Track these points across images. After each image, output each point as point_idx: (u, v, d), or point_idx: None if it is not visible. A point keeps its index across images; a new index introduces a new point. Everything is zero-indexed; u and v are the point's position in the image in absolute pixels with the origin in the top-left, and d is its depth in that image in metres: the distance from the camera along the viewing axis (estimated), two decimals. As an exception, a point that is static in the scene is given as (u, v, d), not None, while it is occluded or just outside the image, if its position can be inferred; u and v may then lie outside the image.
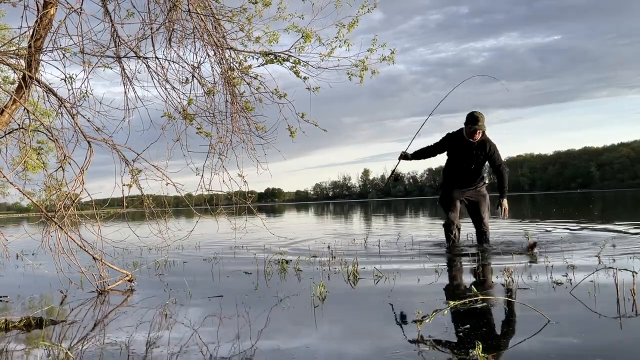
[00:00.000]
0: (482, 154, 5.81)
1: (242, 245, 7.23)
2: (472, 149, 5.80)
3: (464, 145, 5.82)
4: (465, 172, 5.91)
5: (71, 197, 3.88)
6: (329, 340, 2.40)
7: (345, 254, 5.66)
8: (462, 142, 5.83)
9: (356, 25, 4.74)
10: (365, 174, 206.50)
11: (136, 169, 4.09)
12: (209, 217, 4.41)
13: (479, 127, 5.66)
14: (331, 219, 18.38)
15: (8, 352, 2.41)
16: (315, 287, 3.48)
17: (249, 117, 4.55)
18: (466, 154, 5.84)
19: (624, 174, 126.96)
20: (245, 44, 4.53)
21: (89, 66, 3.92)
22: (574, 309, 2.78)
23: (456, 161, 5.95)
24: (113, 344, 2.46)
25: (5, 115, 3.70)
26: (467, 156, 5.85)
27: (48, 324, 2.88)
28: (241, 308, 3.16)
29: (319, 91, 4.61)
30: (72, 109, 3.90)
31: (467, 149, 5.82)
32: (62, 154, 3.82)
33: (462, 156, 5.87)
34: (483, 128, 5.69)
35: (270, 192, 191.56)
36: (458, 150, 5.88)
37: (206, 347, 2.33)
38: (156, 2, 4.13)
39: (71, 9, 3.67)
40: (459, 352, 2.09)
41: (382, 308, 3.03)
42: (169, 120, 4.26)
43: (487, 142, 5.80)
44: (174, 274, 4.86)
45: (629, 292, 2.94)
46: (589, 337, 2.26)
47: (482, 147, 5.81)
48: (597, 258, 4.57)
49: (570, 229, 8.16)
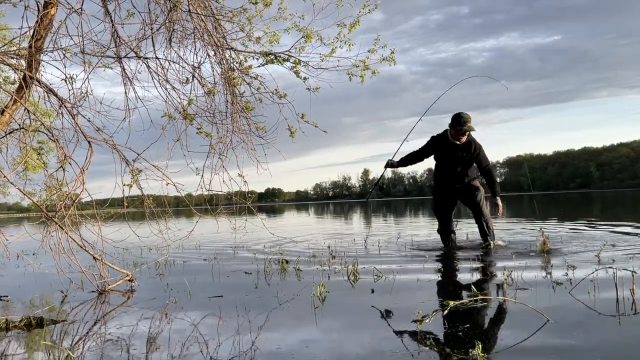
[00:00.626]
0: (468, 155, 5.68)
1: (242, 245, 7.24)
2: (457, 150, 5.68)
3: (449, 147, 5.70)
4: (453, 174, 5.79)
5: (71, 197, 3.89)
6: (328, 340, 2.41)
7: (345, 254, 5.67)
8: (447, 144, 5.71)
9: (357, 26, 4.75)
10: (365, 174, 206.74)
11: (136, 169, 4.10)
12: (209, 217, 4.41)
13: (467, 129, 5.52)
14: (331, 219, 18.39)
15: (9, 351, 2.41)
16: (315, 287, 3.49)
17: (249, 117, 4.56)
18: (452, 156, 5.72)
19: (624, 174, 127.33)
20: (246, 44, 4.53)
21: (89, 66, 3.93)
22: (574, 308, 2.79)
23: (442, 164, 5.85)
24: (113, 343, 2.47)
25: (6, 116, 3.71)
26: (453, 158, 5.72)
27: (49, 324, 2.89)
28: (241, 308, 3.17)
29: (320, 91, 4.62)
30: (72, 109, 3.90)
31: (452, 151, 5.70)
32: (62, 154, 3.82)
33: (447, 158, 5.76)
34: (471, 129, 5.55)
35: (271, 192, 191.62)
36: (443, 153, 5.77)
37: (206, 347, 2.34)
38: (156, 3, 4.13)
39: (71, 10, 3.67)
40: (458, 352, 2.10)
41: (381, 308, 3.04)
42: (169, 120, 4.26)
43: (472, 143, 5.67)
44: (174, 273, 4.87)
45: (628, 291, 2.95)
46: (588, 337, 2.27)
47: (467, 148, 5.68)
48: (597, 258, 4.58)
49: (569, 228, 8.16)
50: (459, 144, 5.63)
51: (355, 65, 4.82)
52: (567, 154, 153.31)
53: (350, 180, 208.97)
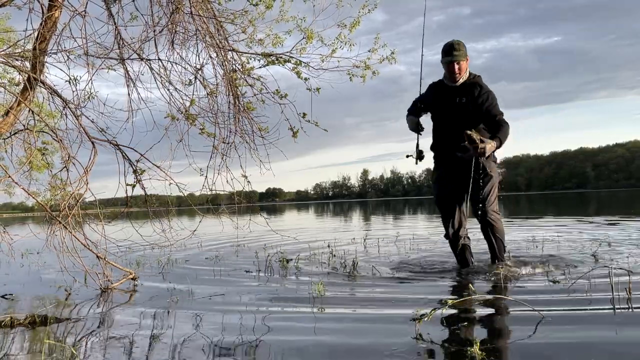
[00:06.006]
0: (469, 102, 3.92)
1: (243, 244, 7.28)
2: (455, 95, 3.97)
3: (445, 93, 4.03)
4: (451, 134, 3.93)
5: (75, 196, 3.93)
6: (328, 337, 2.44)
7: (344, 253, 5.70)
8: (443, 90, 4.07)
9: (358, 26, 4.80)
10: (364, 174, 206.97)
11: (140, 169, 4.14)
12: (212, 216, 4.46)
13: (455, 59, 3.87)
14: (331, 218, 18.42)
15: (13, 349, 2.44)
16: (315, 285, 3.53)
17: (251, 117, 4.60)
18: (448, 105, 4.01)
19: (619, 174, 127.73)
20: (250, 46, 4.58)
21: (92, 68, 3.97)
22: (570, 307, 2.83)
23: (438, 119, 4.15)
24: (117, 341, 2.50)
25: (10, 117, 3.75)
26: (450, 108, 4.00)
27: (53, 322, 2.92)
28: (242, 306, 3.21)
29: (323, 92, 4.67)
30: (76, 110, 3.95)
31: (447, 97, 4.01)
32: (66, 154, 3.86)
33: (443, 110, 4.07)
34: (461, 58, 3.89)
35: (271, 191, 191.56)
36: (438, 103, 4.10)
37: (208, 344, 2.37)
38: (159, 5, 4.18)
39: (75, 12, 3.72)
40: (457, 350, 2.13)
41: (380, 306, 3.08)
42: (171, 121, 4.31)
43: (476, 85, 3.96)
44: (176, 272, 4.90)
45: (624, 290, 2.99)
46: (584, 336, 2.30)
47: (468, 91, 3.94)
48: (594, 257, 4.62)
49: (568, 227, 8.20)
50: (456, 85, 3.99)
51: (356, 66, 4.87)
52: (564, 154, 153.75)
53: (349, 180, 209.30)
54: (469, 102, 3.91)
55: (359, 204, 63.81)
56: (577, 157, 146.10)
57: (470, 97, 3.90)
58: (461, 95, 3.93)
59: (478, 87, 3.94)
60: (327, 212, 29.65)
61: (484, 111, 3.87)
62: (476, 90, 3.91)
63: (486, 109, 3.86)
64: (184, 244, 6.29)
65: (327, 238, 8.15)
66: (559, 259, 4.59)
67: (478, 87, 3.94)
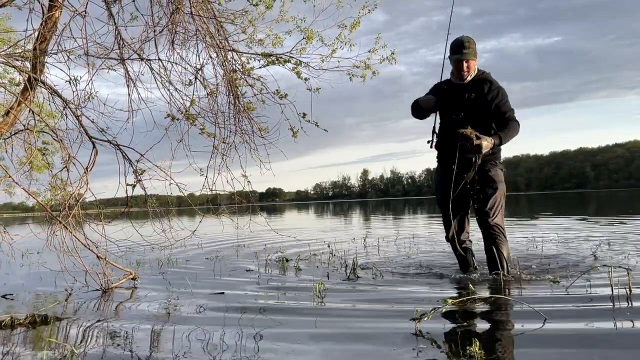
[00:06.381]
0: (479, 98, 3.79)
1: (244, 244, 7.29)
2: (464, 92, 3.85)
3: (453, 90, 3.90)
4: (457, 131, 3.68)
5: (76, 196, 3.94)
6: (328, 337, 2.45)
7: (344, 252, 5.71)
8: (451, 88, 3.93)
9: (358, 26, 4.80)
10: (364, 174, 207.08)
11: (140, 169, 4.15)
12: (212, 216, 4.46)
13: (464, 57, 3.75)
14: (330, 218, 18.43)
15: (14, 349, 2.45)
16: (315, 284, 3.54)
17: (251, 117, 4.60)
18: (455, 102, 3.87)
19: (619, 174, 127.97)
20: (250, 46, 4.59)
21: (93, 68, 3.97)
22: (570, 306, 2.84)
23: (445, 119, 3.98)
24: (117, 340, 2.51)
25: (11, 117, 3.76)
26: (458, 104, 3.86)
27: (53, 321, 2.93)
28: (242, 305, 3.21)
29: (323, 92, 4.67)
30: (76, 110, 3.95)
31: (456, 94, 3.87)
32: (66, 154, 3.87)
33: (450, 107, 3.91)
34: (470, 57, 3.77)
35: (272, 191, 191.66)
36: (447, 100, 3.92)
37: (208, 344, 2.38)
38: (159, 5, 4.18)
39: (75, 12, 3.72)
40: (456, 349, 2.14)
41: (381, 306, 3.08)
42: (172, 121, 4.31)
43: (486, 81, 3.83)
44: (176, 272, 4.91)
45: (623, 289, 3.00)
46: (584, 334, 2.31)
47: (477, 88, 3.81)
48: (593, 256, 4.63)
49: (566, 227, 8.21)
50: (465, 83, 3.86)
51: (356, 66, 4.87)
52: (563, 154, 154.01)
53: (349, 180, 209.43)
54: (478, 97, 3.79)
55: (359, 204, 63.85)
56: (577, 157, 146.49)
57: (480, 93, 3.79)
58: (470, 92, 3.82)
59: (488, 82, 3.82)
60: (327, 212, 29.67)
61: (493, 108, 3.75)
62: (486, 86, 3.79)
63: (496, 106, 3.74)
64: (184, 244, 6.29)
65: (327, 238, 8.15)
66: (559, 259, 4.60)
67: (488, 82, 3.82)
